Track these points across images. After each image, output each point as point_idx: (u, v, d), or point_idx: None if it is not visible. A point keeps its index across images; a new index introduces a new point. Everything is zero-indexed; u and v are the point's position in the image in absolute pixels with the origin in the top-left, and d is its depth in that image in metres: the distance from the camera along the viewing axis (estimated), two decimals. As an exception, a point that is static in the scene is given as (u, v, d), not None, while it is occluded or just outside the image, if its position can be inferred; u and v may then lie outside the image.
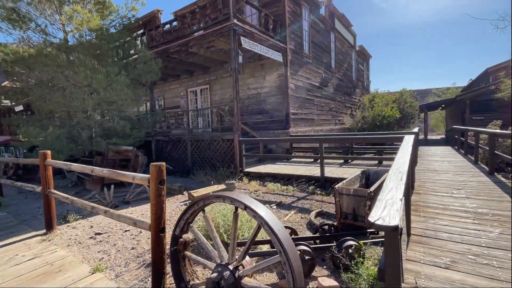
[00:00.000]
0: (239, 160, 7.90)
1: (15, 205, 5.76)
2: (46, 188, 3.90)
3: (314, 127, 12.55)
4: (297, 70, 11.19)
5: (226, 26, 7.85)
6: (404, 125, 17.27)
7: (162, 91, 14.81)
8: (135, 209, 5.20)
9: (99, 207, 3.07)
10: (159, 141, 10.63)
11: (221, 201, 2.15)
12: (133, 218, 2.62)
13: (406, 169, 2.56)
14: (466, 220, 3.32)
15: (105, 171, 2.89)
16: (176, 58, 10.52)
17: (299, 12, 11.42)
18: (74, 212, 4.87)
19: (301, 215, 4.52)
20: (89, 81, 5.56)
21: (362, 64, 20.95)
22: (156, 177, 2.33)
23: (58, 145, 5.81)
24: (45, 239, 3.78)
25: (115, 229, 4.10)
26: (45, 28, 6.52)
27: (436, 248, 2.68)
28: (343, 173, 6.73)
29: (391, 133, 9.35)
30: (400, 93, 18.14)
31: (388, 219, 1.41)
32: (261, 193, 6.06)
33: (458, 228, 3.13)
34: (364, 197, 3.52)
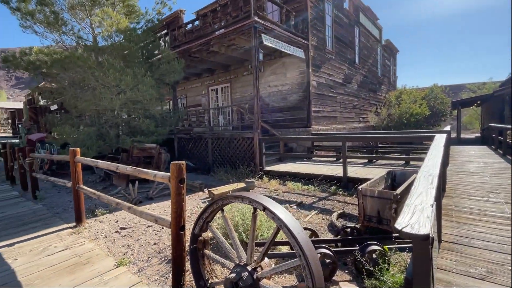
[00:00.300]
0: (259, 158, 7.87)
1: (49, 198, 6.17)
2: (75, 184, 4.11)
3: (337, 125, 12.21)
4: (319, 67, 10.92)
5: (247, 23, 7.82)
6: (434, 123, 16.31)
7: (184, 90, 15.14)
8: (158, 205, 5.36)
9: (123, 203, 3.18)
10: (181, 139, 10.88)
11: (240, 201, 2.12)
12: (154, 215, 2.68)
13: (437, 172, 2.37)
14: (505, 227, 3.05)
15: (128, 169, 2.98)
16: (198, 57, 10.68)
17: (321, 7, 11.12)
18: (101, 206, 5.11)
19: (322, 216, 4.40)
20: (117, 82, 5.81)
21: (389, 59, 20.03)
22: (176, 175, 2.35)
23: (88, 142, 6.15)
24: (74, 231, 3.99)
25: (138, 224, 4.24)
26: (78, 32, 6.91)
27: (470, 256, 2.48)
28: (367, 173, 6.48)
29: (420, 132, 8.86)
30: (431, 89, 17.12)
31: (417, 226, 1.30)
32: (281, 192, 5.99)
33: (495, 236, 2.88)
34: (390, 199, 3.34)
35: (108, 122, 6.83)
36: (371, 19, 16.29)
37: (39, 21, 6.39)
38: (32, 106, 21.25)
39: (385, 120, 15.12)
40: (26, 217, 4.76)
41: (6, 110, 38.83)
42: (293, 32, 9.39)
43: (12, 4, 6.64)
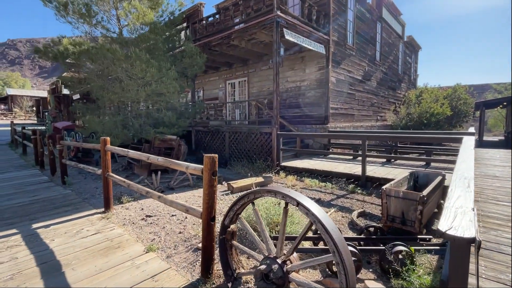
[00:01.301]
0: (276, 153, 7.91)
1: (77, 184, 6.47)
2: (105, 171, 4.30)
3: (354, 123, 12.04)
4: (339, 63, 10.75)
5: (269, 18, 7.78)
6: (456, 124, 15.76)
7: (201, 82, 15.29)
8: (179, 195, 5.52)
9: (153, 192, 3.32)
10: (198, 132, 11.05)
11: (272, 195, 2.18)
12: (185, 205, 2.79)
13: (472, 175, 2.35)
14: (537, 235, 2.97)
15: (160, 159, 3.10)
16: (217, 51, 10.73)
17: (344, 2, 10.88)
18: (126, 194, 5.33)
19: (342, 214, 4.41)
20: (143, 74, 5.97)
21: (410, 56, 19.40)
22: (210, 168, 2.44)
23: (114, 131, 6.39)
24: (104, 217, 4.20)
25: (162, 213, 4.40)
26: (107, 24, 7.12)
27: (500, 263, 2.45)
28: (386, 173, 6.40)
29: (442, 133, 8.62)
30: (454, 88, 16.50)
31: (461, 230, 1.31)
32: (299, 188, 6.03)
33: (526, 242, 2.81)
34: (415, 201, 3.32)
35: (133, 113, 7.05)
36: (394, 14, 15.79)
37: (71, 12, 6.62)
38: (56, 94, 22.08)
39: (404, 119, 14.75)
40: (57, 201, 5.03)
41: (31, 98, 40.55)
42: (315, 27, 9.27)
43: (46, -4, 6.89)
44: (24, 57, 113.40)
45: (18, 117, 36.42)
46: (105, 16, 7.29)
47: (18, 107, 42.66)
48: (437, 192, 4.18)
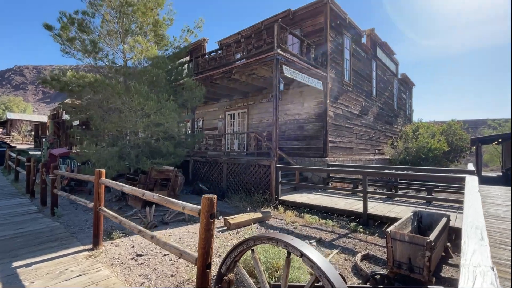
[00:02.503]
0: (275, 187, 7.75)
1: (67, 215, 6.19)
2: (97, 205, 4.12)
3: (353, 157, 12.04)
4: (336, 98, 11.04)
5: (269, 55, 8.11)
6: (453, 159, 15.84)
7: (202, 112, 15.52)
8: (173, 231, 5.26)
9: (146, 232, 3.13)
10: (196, 162, 10.94)
11: (274, 243, 2.04)
12: (179, 248, 2.60)
13: (483, 223, 2.25)
14: (555, 288, 2.77)
15: (155, 197, 2.97)
16: (219, 84, 11.04)
17: (340, 41, 11.48)
18: (117, 229, 5.06)
19: (345, 256, 4.17)
20: (142, 106, 6.04)
21: (405, 92, 20.09)
22: (208, 210, 2.31)
23: (110, 162, 6.29)
24: (91, 255, 3.93)
25: (155, 252, 4.14)
26: (112, 58, 7.39)
27: (521, 322, 2.24)
28: (388, 211, 6.22)
29: (445, 170, 8.60)
30: (449, 124, 16.86)
31: (486, 298, 1.20)
32: (298, 225, 5.79)
33: (545, 297, 2.61)
34: (423, 246, 3.15)
35: (130, 142, 7.00)
36: (387, 53, 16.63)
37: (77, 48, 6.90)
38: (56, 120, 22.23)
39: (402, 153, 14.82)
40: (44, 235, 4.75)
41: (30, 123, 40.72)
42: (313, 64, 9.65)
43: (55, 31, 7.20)
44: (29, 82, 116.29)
45: (15, 141, 36.24)
46: (111, 50, 7.59)
47: (16, 131, 42.68)
48: (443, 235, 4.01)
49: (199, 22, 8.54)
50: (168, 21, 8.20)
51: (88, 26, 7.02)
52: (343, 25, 11.60)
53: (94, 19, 7.21)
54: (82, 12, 6.99)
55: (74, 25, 6.88)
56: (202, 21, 8.51)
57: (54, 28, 7.13)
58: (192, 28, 8.61)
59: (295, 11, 11.54)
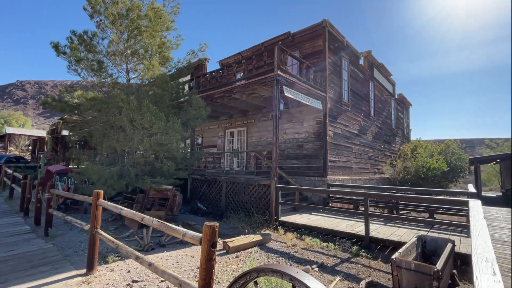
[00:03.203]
0: (275, 207, 7.63)
1: (60, 236, 6.00)
2: (94, 228, 4.00)
3: (352, 176, 11.98)
4: (335, 118, 11.15)
5: (270, 76, 8.26)
6: (453, 179, 15.79)
7: (201, 130, 15.57)
8: (171, 254, 5.09)
9: (144, 259, 3.02)
10: (195, 180, 10.83)
11: (279, 276, 1.96)
12: (178, 278, 2.50)
13: (493, 256, 2.19)
14: None
15: (155, 223, 2.89)
16: (219, 102, 11.16)
17: (339, 63, 11.77)
18: (112, 252, 4.90)
19: (348, 284, 4.03)
20: (151, 125, 6.06)
21: (402, 112, 20.38)
22: (209, 238, 2.24)
23: (110, 181, 6.19)
24: (84, 281, 3.76)
25: (151, 277, 3.98)
26: (116, 78, 7.51)
27: None
28: (390, 234, 6.09)
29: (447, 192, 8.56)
30: (446, 144, 16.97)
31: None
32: (299, 249, 5.64)
33: (560, 333, 2.50)
34: (430, 275, 3.05)
35: (130, 161, 6.94)
36: (384, 74, 17.03)
37: (83, 66, 7.02)
38: (54, 135, 22.16)
39: (401, 173, 14.78)
40: (35, 257, 4.58)
41: (29, 137, 40.58)
42: (312, 85, 9.82)
43: (61, 48, 7.35)
44: (30, 97, 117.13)
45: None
46: (115, 70, 7.72)
47: (14, 145, 42.41)
48: (449, 262, 3.90)
49: (203, 46, 8.82)
50: (175, 44, 8.45)
51: (96, 46, 7.18)
52: (341, 47, 11.94)
53: (103, 41, 7.42)
54: (92, 34, 7.17)
55: (82, 45, 7.03)
56: (206, 46, 8.79)
57: (60, 46, 7.27)
58: (197, 51, 8.88)
59: (295, 33, 11.91)
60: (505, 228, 6.94)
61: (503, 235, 6.24)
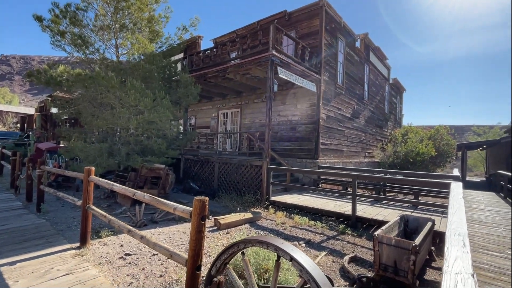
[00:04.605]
0: (266, 187, 7.79)
1: (53, 212, 6.06)
2: (86, 203, 4.06)
3: (343, 159, 12.20)
4: (329, 101, 11.15)
5: (264, 56, 8.13)
6: (440, 163, 16.25)
7: (194, 110, 15.42)
8: (163, 230, 5.22)
9: (136, 232, 3.11)
10: (188, 160, 10.87)
11: (264, 247, 2.07)
12: (169, 250, 2.60)
13: (465, 230, 2.34)
14: (530, 292, 2.90)
15: (146, 197, 2.95)
16: (212, 82, 10.99)
17: (334, 45, 11.60)
18: (106, 227, 5.00)
19: (333, 258, 4.25)
20: (137, 103, 5.96)
21: (395, 97, 20.47)
22: (199, 212, 2.31)
23: (99, 159, 6.17)
24: (78, 253, 3.87)
25: (143, 251, 4.11)
26: (103, 53, 7.25)
27: (498, 325, 2.34)
28: (376, 214, 6.35)
29: (433, 175, 8.83)
30: (436, 129, 17.29)
31: (465, 305, 1.25)
32: (288, 226, 5.85)
33: (521, 301, 2.73)
34: (408, 250, 3.24)
35: (121, 140, 6.89)
36: (380, 58, 16.90)
37: (68, 41, 6.74)
38: (43, 113, 21.62)
39: (391, 157, 15.11)
40: (28, 232, 4.64)
41: (16, 115, 39.51)
42: (307, 67, 9.72)
43: (45, 22, 7.01)
44: (15, 72, 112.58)
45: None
46: (103, 45, 7.45)
47: (1, 123, 41.32)
48: (428, 239, 4.13)
49: (195, 20, 8.48)
50: (164, 18, 8.11)
51: (81, 20, 6.87)
52: (338, 28, 11.72)
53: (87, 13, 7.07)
54: (76, 8, 6.83)
55: (66, 18, 6.71)
56: (198, 20, 8.45)
57: (44, 19, 6.93)
58: (188, 27, 8.56)
59: (291, 12, 11.59)
60: (484, 210, 7.30)
61: (481, 216, 6.58)
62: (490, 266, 3.58)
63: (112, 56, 7.72)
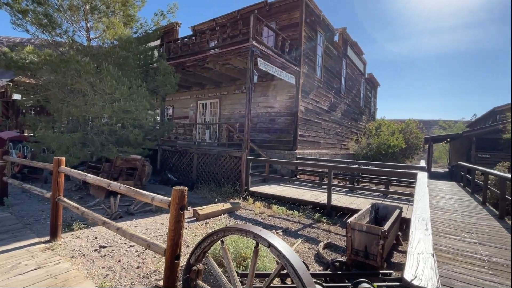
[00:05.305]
0: (245, 178, 7.85)
1: (19, 205, 5.70)
2: (56, 195, 3.86)
3: (320, 150, 12.56)
4: (308, 93, 11.34)
5: (244, 46, 8.05)
6: (409, 155, 17.26)
7: (172, 100, 15.00)
8: (140, 222, 5.12)
9: (111, 223, 3.03)
10: (165, 151, 10.64)
11: (243, 235, 2.12)
12: (147, 240, 2.58)
13: (428, 215, 2.54)
14: (481, 269, 3.24)
15: (122, 188, 2.87)
16: (191, 71, 10.72)
17: (314, 38, 11.73)
18: (78, 220, 4.81)
19: (309, 245, 4.43)
20: (113, 90, 5.65)
21: (370, 91, 21.25)
22: (178, 202, 2.31)
23: (72, 149, 5.82)
24: (48, 247, 3.70)
25: (119, 243, 4.02)
26: (72, 35, 6.73)
27: (453, 299, 2.61)
28: (349, 203, 6.66)
29: (402, 166, 9.36)
30: (406, 123, 18.26)
31: (425, 280, 1.39)
32: (266, 216, 5.98)
33: (473, 277, 3.05)
34: (377, 235, 3.46)
35: (94, 129, 6.54)
36: (357, 53, 17.38)
37: (31, 20, 6.19)
38: (3, 99, 19.91)
39: (365, 149, 15.79)
40: (-9, 226, 4.35)
41: (-29, 101, 36.03)
42: (287, 59, 9.77)
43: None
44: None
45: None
46: (72, 27, 6.93)
47: (-46, 109, 37.46)
48: (396, 225, 4.43)
49: (173, 7, 8.14)
50: (140, 1, 7.69)
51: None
52: (317, 22, 11.84)
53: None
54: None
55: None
56: (176, 6, 8.12)
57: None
58: (166, 13, 8.19)
59: (272, 3, 11.50)
60: (445, 198, 7.94)
61: (443, 203, 7.15)
62: (448, 248, 3.94)
63: (83, 40, 7.24)
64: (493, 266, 3.35)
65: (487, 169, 7.35)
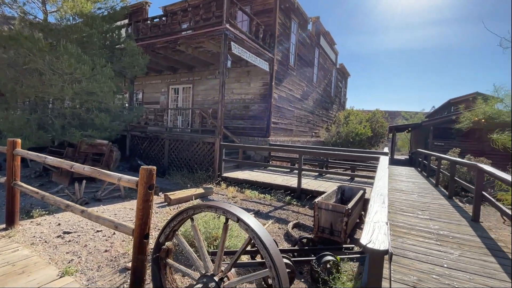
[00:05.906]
0: (218, 164, 7.85)
1: (-34, 193, 5.21)
2: (11, 180, 3.58)
3: (292, 138, 12.86)
4: (281, 81, 11.44)
5: (218, 29, 7.85)
6: (375, 143, 18.29)
7: (142, 84, 14.31)
8: (107, 207, 4.95)
9: (75, 206, 2.91)
10: (135, 137, 10.22)
11: (213, 211, 2.15)
12: (114, 221, 2.52)
13: (386, 192, 2.76)
14: (430, 241, 3.62)
15: (86, 169, 2.75)
16: (162, 54, 10.27)
17: (288, 25, 11.74)
18: (39, 207, 4.52)
19: (279, 226, 4.61)
20: (72, 70, 5.23)
21: (341, 81, 21.94)
22: (146, 181, 2.27)
23: (26, 131, 5.34)
24: (5, 235, 3.46)
25: (85, 228, 3.87)
26: (23, 5, 6.04)
27: (405, 266, 2.90)
28: (318, 186, 6.97)
29: (365, 151, 9.89)
30: (373, 113, 19.23)
31: (378, 243, 1.53)
32: (239, 199, 6.08)
33: (423, 248, 3.40)
34: (342, 213, 3.70)
35: (55, 112, 6.05)
36: (330, 43, 17.74)
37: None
38: None
39: (334, 137, 16.45)
40: None
41: None
42: (261, 45, 9.72)
43: None
44: None
45: None
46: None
47: None
48: (359, 204, 4.75)
49: (142, -16, 7.62)
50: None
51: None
52: (292, 9, 11.83)
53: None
54: None
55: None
56: (145, -17, 7.61)
57: None
58: (133, -12, 7.65)
59: (246, -14, 11.24)
60: (405, 181, 8.60)
61: (402, 186, 7.75)
62: (404, 224, 4.33)
63: (38, 13, 6.56)
64: (441, 238, 3.75)
65: (440, 155, 8.05)
